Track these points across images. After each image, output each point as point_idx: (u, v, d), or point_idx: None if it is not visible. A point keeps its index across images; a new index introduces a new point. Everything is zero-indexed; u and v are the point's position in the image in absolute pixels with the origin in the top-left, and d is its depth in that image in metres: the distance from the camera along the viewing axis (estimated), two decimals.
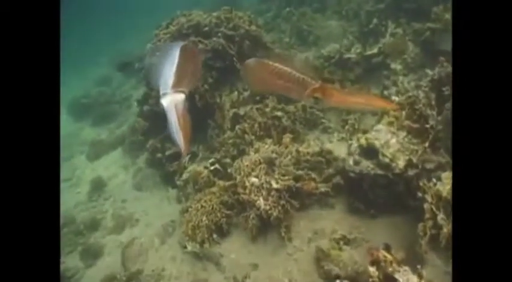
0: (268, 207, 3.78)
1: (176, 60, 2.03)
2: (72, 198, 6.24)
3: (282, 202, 3.81)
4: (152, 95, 5.11)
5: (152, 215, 5.02)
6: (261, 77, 2.15)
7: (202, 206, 4.19)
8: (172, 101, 1.93)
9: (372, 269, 2.68)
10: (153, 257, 4.42)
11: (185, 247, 4.18)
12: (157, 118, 5.17)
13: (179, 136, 1.86)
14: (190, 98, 2.23)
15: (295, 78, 2.05)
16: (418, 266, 2.52)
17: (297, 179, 3.95)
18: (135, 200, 5.44)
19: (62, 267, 4.85)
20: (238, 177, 4.03)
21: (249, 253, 3.95)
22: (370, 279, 2.63)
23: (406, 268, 2.35)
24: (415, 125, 3.44)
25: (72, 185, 6.73)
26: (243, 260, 3.90)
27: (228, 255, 4.00)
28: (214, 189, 4.34)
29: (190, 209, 4.27)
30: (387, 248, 2.98)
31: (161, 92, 1.97)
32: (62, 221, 5.58)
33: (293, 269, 3.68)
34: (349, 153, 3.77)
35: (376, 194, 3.65)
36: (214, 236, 4.11)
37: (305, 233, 3.87)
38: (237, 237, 4.11)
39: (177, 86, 1.96)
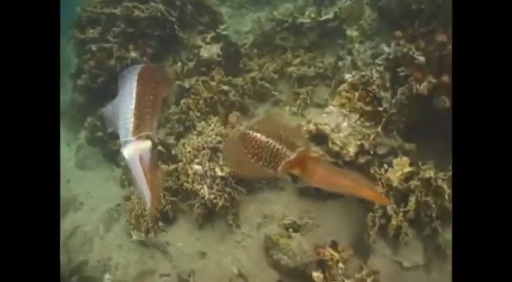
0: (213, 197, 3.53)
1: (134, 95, 1.59)
2: None
3: (228, 189, 3.55)
4: (85, 69, 4.55)
5: (97, 197, 4.67)
6: (239, 157, 1.71)
7: None
8: (135, 151, 1.54)
9: (316, 274, 2.49)
10: (98, 245, 4.13)
11: (130, 235, 3.90)
12: (94, 94, 4.66)
13: (147, 194, 1.49)
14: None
15: (269, 149, 1.61)
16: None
17: None
18: (78, 181, 5.03)
19: None
20: (180, 164, 3.70)
21: (197, 240, 3.73)
22: None
23: None
24: (368, 108, 3.17)
25: None
26: (191, 248, 3.69)
27: (174, 243, 3.77)
28: (157, 174, 4.00)
29: (133, 197, 3.94)
30: (334, 245, 2.81)
31: (121, 140, 1.56)
32: None
33: (242, 257, 3.50)
34: None
35: None
36: (160, 223, 3.83)
37: (254, 218, 3.67)
38: (184, 224, 3.86)
39: (139, 130, 1.55)
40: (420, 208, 2.93)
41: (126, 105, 1.59)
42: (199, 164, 3.59)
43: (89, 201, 4.70)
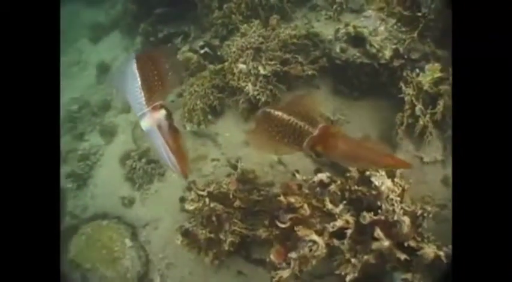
0: (256, 93, 3.42)
1: (137, 75, 1.48)
2: (83, 82, 5.75)
3: (270, 87, 3.43)
4: None
5: None
6: (264, 136, 1.52)
7: (195, 91, 3.81)
8: (152, 122, 1.43)
9: None
10: None
11: (184, 127, 3.96)
12: (145, 0, 4.34)
13: (173, 162, 1.40)
14: None
15: (291, 127, 1.41)
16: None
17: (284, 63, 3.47)
18: None
19: (87, 144, 4.75)
20: (226, 64, 3.55)
21: (242, 132, 3.74)
22: (348, 174, 2.42)
23: (383, 173, 2.11)
24: (407, 12, 2.80)
25: (80, 69, 6.13)
26: (237, 138, 3.71)
27: (222, 133, 3.80)
28: (205, 73, 3.89)
29: (184, 94, 3.90)
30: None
31: (138, 115, 1.46)
32: (79, 104, 5.28)
33: None
34: (336, 39, 3.20)
35: (360, 80, 3.24)
36: (209, 117, 3.83)
37: None
38: (230, 117, 3.84)
39: (152, 102, 1.44)
40: (446, 111, 2.76)
41: (133, 87, 1.47)
42: (244, 63, 3.43)
43: None
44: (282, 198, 2.22)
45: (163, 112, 1.44)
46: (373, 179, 2.03)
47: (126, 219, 3.79)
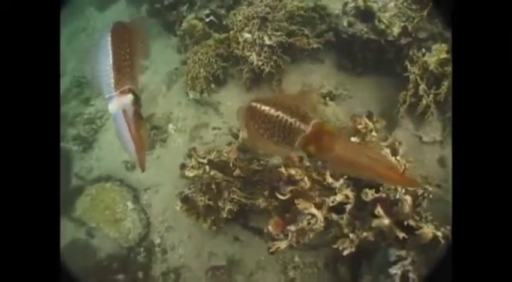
0: (260, 63, 3.24)
1: (110, 51, 1.30)
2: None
3: (274, 57, 3.24)
4: None
5: (158, 62, 4.40)
6: (252, 133, 1.26)
7: (199, 59, 3.61)
8: (119, 106, 1.28)
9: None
10: (162, 102, 4.07)
11: (187, 94, 3.80)
12: None
13: (132, 148, 1.27)
14: None
15: (281, 124, 1.16)
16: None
17: (289, 34, 3.27)
18: None
19: (93, 109, 4.58)
20: (231, 33, 3.34)
21: (244, 102, 3.56)
22: None
23: (388, 150, 1.99)
24: None
25: (88, 35, 5.81)
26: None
27: (225, 102, 3.65)
28: (210, 41, 3.67)
29: (188, 62, 3.70)
30: (369, 116, 2.58)
31: (106, 97, 1.30)
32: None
33: None
34: (344, 13, 2.98)
35: (365, 56, 3.05)
36: (212, 85, 3.66)
37: (295, 85, 3.40)
38: (233, 87, 3.67)
39: (120, 85, 1.28)
40: (449, 92, 2.61)
41: (105, 63, 1.32)
42: (249, 32, 3.21)
43: (152, 65, 4.43)
44: (282, 169, 2.12)
45: (130, 97, 1.30)
46: None
47: (129, 183, 3.71)
